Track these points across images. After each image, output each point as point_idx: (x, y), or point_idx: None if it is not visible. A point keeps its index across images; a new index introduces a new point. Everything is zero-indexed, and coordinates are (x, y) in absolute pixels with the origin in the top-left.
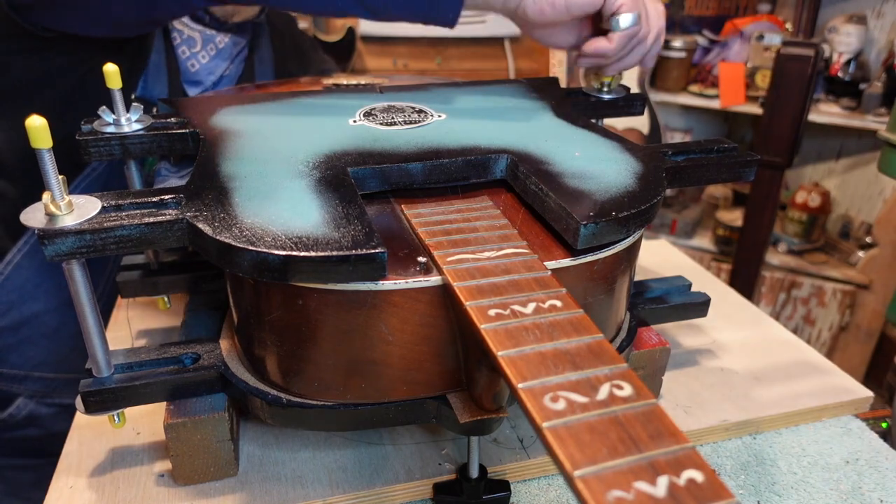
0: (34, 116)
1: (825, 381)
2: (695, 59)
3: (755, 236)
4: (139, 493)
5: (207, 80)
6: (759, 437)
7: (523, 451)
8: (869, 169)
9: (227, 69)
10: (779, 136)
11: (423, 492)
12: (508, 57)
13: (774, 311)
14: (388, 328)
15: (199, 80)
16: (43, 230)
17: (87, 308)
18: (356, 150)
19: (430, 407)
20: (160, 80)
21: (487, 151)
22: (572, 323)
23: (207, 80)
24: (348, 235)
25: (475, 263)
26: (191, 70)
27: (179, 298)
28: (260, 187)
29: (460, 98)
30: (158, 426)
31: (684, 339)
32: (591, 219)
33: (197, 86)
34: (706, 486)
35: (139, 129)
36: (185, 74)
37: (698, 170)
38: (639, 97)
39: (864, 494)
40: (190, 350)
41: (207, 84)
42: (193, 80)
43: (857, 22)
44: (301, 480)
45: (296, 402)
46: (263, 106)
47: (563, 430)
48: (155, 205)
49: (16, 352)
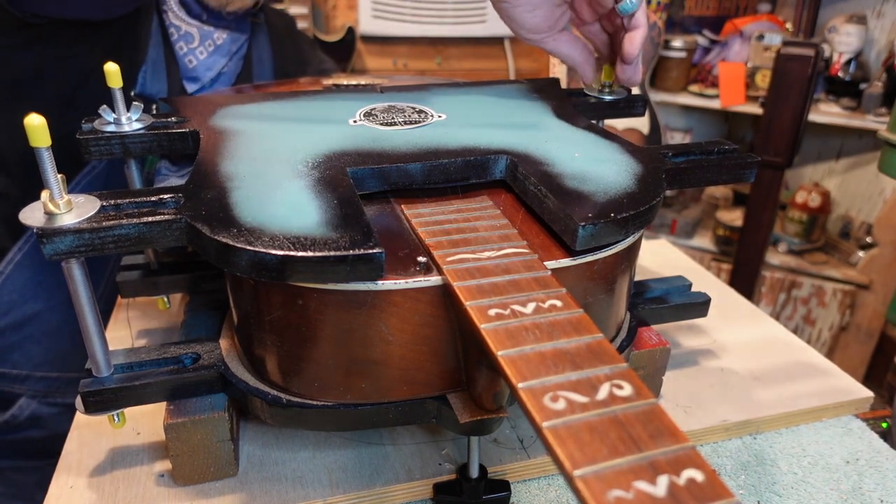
0: (33, 115)
1: (825, 382)
2: (695, 59)
3: (755, 236)
4: (139, 493)
5: (205, 76)
6: (759, 438)
7: (523, 451)
8: (869, 169)
9: (226, 66)
10: (779, 136)
11: (423, 492)
12: (508, 57)
13: (774, 311)
14: (388, 328)
15: (198, 76)
16: (42, 229)
17: (87, 308)
18: (356, 151)
19: (431, 407)
20: (159, 77)
21: (487, 152)
22: (572, 323)
23: (205, 76)
24: (346, 235)
25: (475, 263)
26: (189, 66)
27: (179, 298)
28: (259, 187)
29: (460, 98)
30: (158, 426)
31: (684, 339)
32: (589, 220)
33: (195, 82)
34: (706, 486)
35: (139, 129)
36: (183, 71)
37: (698, 171)
38: (640, 98)
39: (864, 494)
40: (190, 350)
41: (205, 80)
42: (192, 77)
43: (857, 22)
44: (301, 480)
45: (296, 402)
46: (263, 106)
47: (563, 429)
48: (154, 204)
49: (18, 350)
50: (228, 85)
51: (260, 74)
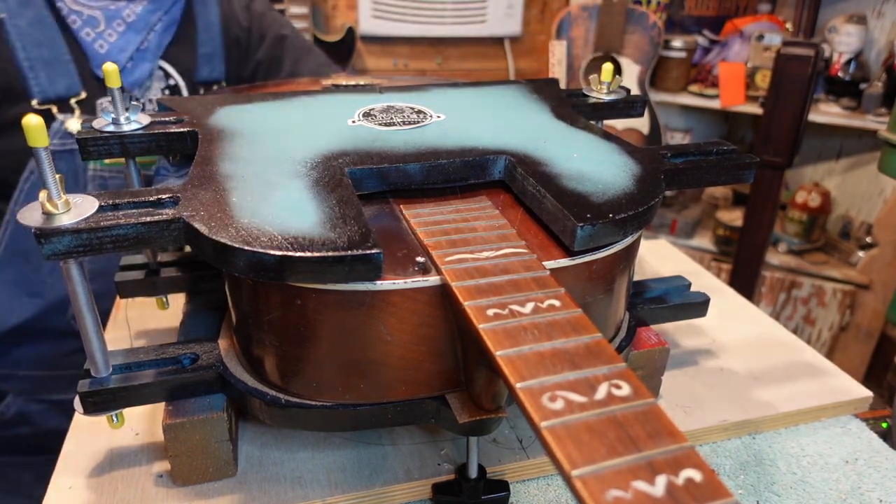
0: (31, 115)
1: (825, 381)
2: (695, 59)
3: (755, 236)
4: (138, 494)
5: (120, 58)
6: (758, 437)
7: (522, 452)
8: (869, 169)
9: (145, 42)
10: (779, 136)
11: (422, 492)
12: (508, 57)
13: (774, 311)
14: (386, 328)
15: (112, 60)
16: (40, 229)
17: (85, 308)
18: (355, 151)
19: (429, 407)
20: (66, 73)
21: (486, 152)
22: (571, 323)
23: (120, 58)
24: (344, 236)
25: (474, 263)
26: (100, 52)
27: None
28: (257, 187)
29: (460, 99)
30: (157, 427)
31: (684, 339)
32: (588, 220)
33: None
34: (705, 486)
35: (138, 129)
36: (94, 59)
37: (697, 172)
38: (639, 99)
39: (863, 494)
40: (188, 350)
41: (122, 62)
42: (105, 62)
43: (857, 22)
44: (300, 481)
45: (294, 402)
46: (262, 105)
47: (562, 429)
48: (152, 204)
49: (0, 349)
50: (154, 61)
51: (207, 41)
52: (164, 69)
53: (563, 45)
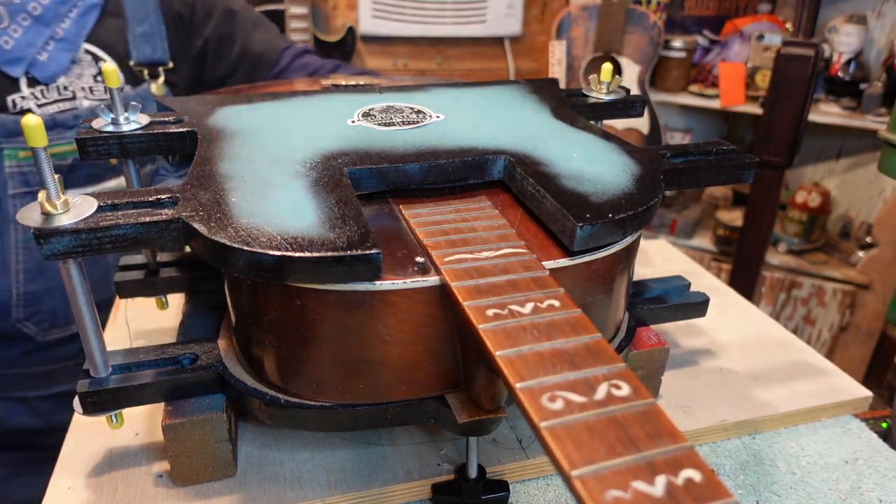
0: (30, 115)
1: (824, 381)
2: (695, 59)
3: (755, 236)
4: (137, 494)
5: (29, 53)
6: (758, 437)
7: (522, 452)
8: (869, 169)
9: (58, 32)
10: (779, 136)
11: (421, 492)
12: (508, 57)
13: (774, 311)
14: (386, 328)
15: (20, 55)
16: (39, 229)
17: (84, 308)
18: (354, 151)
19: (429, 407)
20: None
21: (485, 152)
22: (570, 323)
23: (29, 53)
24: (343, 236)
25: (473, 263)
26: (6, 48)
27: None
28: (256, 187)
29: (459, 99)
30: (156, 427)
31: (684, 339)
32: (587, 220)
33: (19, 63)
34: (704, 486)
35: (137, 129)
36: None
37: (696, 172)
38: (639, 99)
39: (863, 494)
40: (188, 350)
41: (30, 57)
42: (13, 59)
43: (857, 22)
44: (300, 481)
45: (294, 402)
46: (261, 106)
47: (561, 429)
48: (151, 204)
49: None
50: (75, 50)
51: (143, 18)
52: (94, 53)
53: (562, 45)
